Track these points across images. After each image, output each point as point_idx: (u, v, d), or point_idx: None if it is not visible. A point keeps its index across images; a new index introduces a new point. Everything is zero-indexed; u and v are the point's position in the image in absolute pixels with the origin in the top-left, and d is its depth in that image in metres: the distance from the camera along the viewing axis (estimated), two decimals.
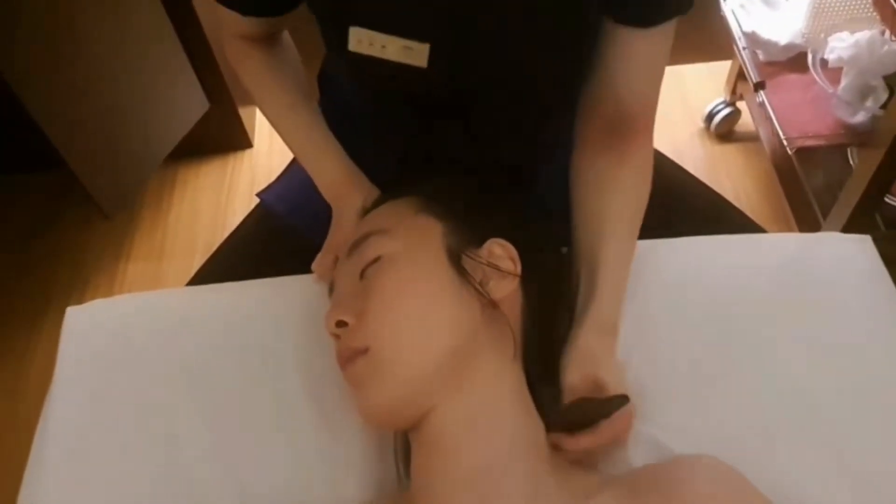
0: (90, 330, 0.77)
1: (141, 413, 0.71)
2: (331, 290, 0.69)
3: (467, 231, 0.64)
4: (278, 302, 0.77)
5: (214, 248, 0.95)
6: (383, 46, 0.66)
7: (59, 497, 0.66)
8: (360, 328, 0.59)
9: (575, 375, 0.65)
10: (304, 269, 0.76)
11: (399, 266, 0.61)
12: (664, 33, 0.67)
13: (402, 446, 0.65)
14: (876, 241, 0.80)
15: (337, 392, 0.69)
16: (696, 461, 0.59)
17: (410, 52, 0.66)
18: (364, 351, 0.59)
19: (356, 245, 0.64)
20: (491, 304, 0.62)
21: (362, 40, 0.66)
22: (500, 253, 0.64)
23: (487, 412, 0.59)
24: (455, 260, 0.62)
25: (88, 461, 0.68)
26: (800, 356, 0.70)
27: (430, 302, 0.60)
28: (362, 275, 0.62)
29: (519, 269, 0.63)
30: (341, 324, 0.61)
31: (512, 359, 0.62)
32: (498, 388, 0.60)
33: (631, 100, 0.71)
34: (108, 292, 1.72)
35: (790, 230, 1.54)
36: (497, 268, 0.63)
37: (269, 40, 0.80)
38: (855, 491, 0.62)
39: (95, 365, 0.74)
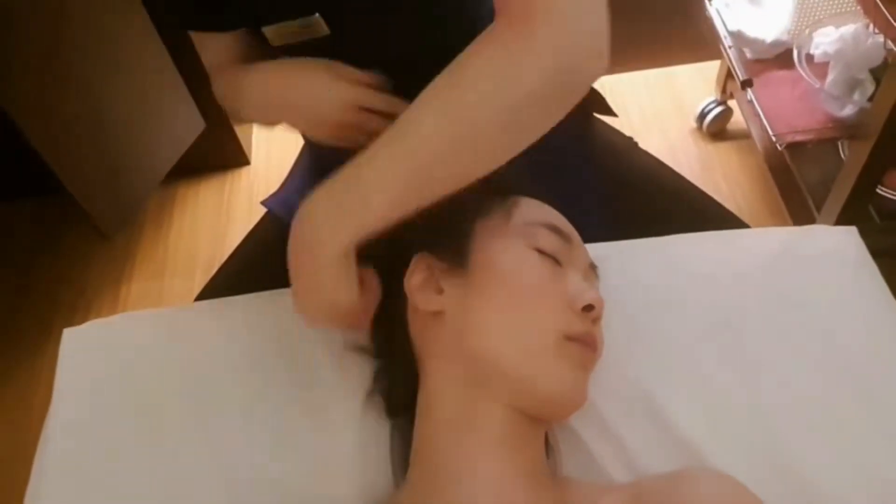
0: (88, 351, 0.77)
1: (139, 433, 0.71)
2: None
3: None
4: (273, 317, 0.77)
5: (215, 265, 0.96)
6: (291, 32, 0.70)
7: None
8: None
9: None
10: None
11: None
12: None
13: (399, 448, 0.66)
14: (870, 232, 0.81)
15: (336, 399, 0.70)
16: (700, 474, 0.58)
17: (311, 28, 0.69)
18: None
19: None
20: None
21: (274, 35, 0.71)
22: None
23: None
24: None
25: (87, 482, 0.68)
26: (786, 349, 0.70)
27: None
28: None
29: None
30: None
31: None
32: None
33: None
34: (111, 313, 1.68)
35: (786, 225, 1.54)
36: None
37: None
38: (856, 480, 0.62)
39: (93, 386, 0.74)
